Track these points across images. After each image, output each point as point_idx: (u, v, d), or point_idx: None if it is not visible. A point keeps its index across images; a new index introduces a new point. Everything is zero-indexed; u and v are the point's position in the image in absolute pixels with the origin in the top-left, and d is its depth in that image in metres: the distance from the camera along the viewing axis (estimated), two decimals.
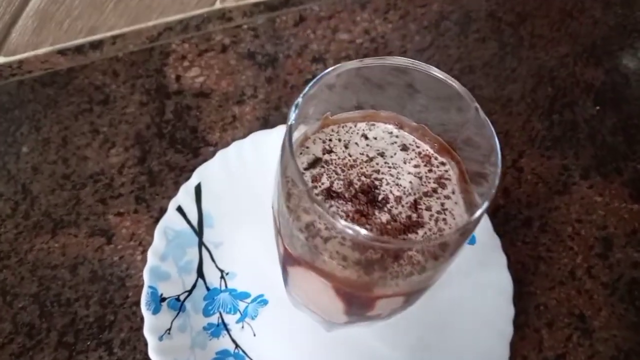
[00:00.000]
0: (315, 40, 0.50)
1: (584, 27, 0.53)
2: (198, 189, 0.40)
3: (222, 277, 0.38)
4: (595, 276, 0.41)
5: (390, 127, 0.29)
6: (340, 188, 0.26)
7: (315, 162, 0.27)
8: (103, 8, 0.46)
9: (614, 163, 0.46)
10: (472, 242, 0.40)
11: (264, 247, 0.39)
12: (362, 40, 0.50)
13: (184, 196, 0.40)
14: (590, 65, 0.51)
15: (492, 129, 0.24)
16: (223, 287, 0.38)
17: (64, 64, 0.47)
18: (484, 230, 0.40)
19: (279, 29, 0.50)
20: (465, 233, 0.23)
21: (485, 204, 0.22)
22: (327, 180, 0.27)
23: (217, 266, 0.39)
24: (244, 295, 0.38)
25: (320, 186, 0.27)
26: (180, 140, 0.44)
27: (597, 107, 0.48)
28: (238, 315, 0.37)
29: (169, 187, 0.42)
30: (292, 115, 0.24)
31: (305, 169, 0.27)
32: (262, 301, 0.38)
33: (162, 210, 0.40)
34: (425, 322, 0.36)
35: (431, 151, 0.28)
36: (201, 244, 0.39)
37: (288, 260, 0.27)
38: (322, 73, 0.25)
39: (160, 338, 0.35)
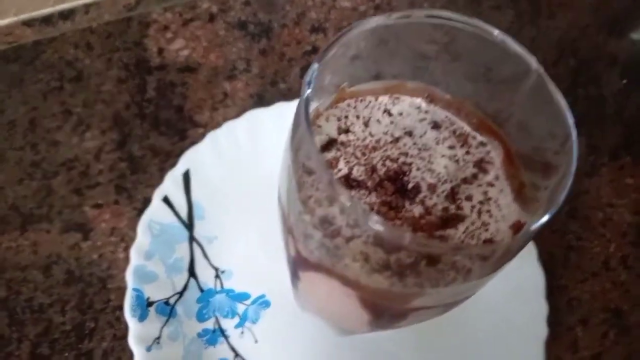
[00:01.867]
0: (314, 7, 0.45)
1: None
2: (186, 177, 0.35)
3: (217, 276, 0.34)
4: (631, 266, 0.37)
5: (419, 101, 0.24)
6: (361, 175, 0.22)
7: (329, 144, 0.23)
8: None
9: None
10: None
11: (264, 240, 0.34)
12: (365, 7, 0.45)
13: (171, 185, 0.35)
14: (614, 36, 0.46)
15: (563, 100, 0.19)
16: (219, 288, 0.34)
17: (30, 36, 0.42)
18: None
19: None
20: (527, 238, 0.18)
21: (553, 209, 0.18)
22: (345, 166, 0.22)
23: (211, 264, 0.34)
24: (243, 297, 0.34)
25: (336, 174, 0.22)
26: (165, 122, 0.39)
27: (624, 81, 0.44)
28: (237, 320, 0.33)
29: (154, 174, 0.37)
30: (308, 88, 0.19)
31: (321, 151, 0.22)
32: (263, 303, 0.33)
33: (146, 201, 0.35)
34: (450, 325, 0.32)
35: (468, 129, 0.23)
36: (192, 239, 0.34)
37: (300, 265, 0.22)
38: (344, 30, 0.20)
39: (148, 348, 0.30)
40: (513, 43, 0.21)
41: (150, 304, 0.32)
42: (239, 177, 0.36)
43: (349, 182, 0.22)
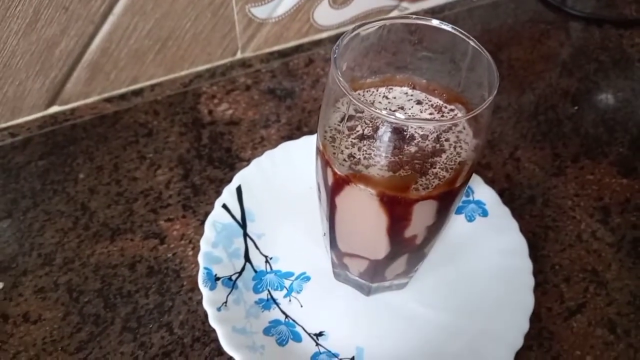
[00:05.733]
0: (324, 75, 0.58)
1: (552, 49, 0.61)
2: (239, 190, 0.45)
3: (266, 261, 0.43)
4: (600, 238, 0.46)
5: (406, 89, 0.35)
6: (370, 132, 0.32)
7: (349, 118, 0.33)
8: (144, 60, 0.55)
9: (599, 148, 0.52)
10: (485, 214, 0.45)
11: (303, 234, 0.44)
12: None
13: (228, 196, 0.45)
14: (564, 76, 0.59)
15: (487, 54, 0.30)
16: (269, 270, 0.42)
17: (110, 109, 0.54)
18: (494, 203, 0.45)
19: (292, 69, 0.59)
20: (479, 126, 0.28)
21: (491, 98, 0.29)
22: (361, 128, 0.33)
23: (261, 253, 0.43)
24: (289, 275, 0.42)
25: (355, 134, 0.32)
26: (217, 159, 0.50)
27: (576, 107, 0.56)
28: (285, 291, 0.41)
29: (212, 195, 0.48)
30: (336, 51, 0.30)
31: (340, 122, 0.33)
32: (305, 277, 0.42)
33: (207, 214, 0.45)
34: (456, 284, 0.41)
35: (441, 102, 0.34)
36: (245, 235, 0.44)
37: (337, 189, 0.32)
38: (353, 26, 0.32)
39: (219, 309, 0.38)
40: (456, 31, 0.32)
41: (217, 278, 0.40)
42: (277, 190, 0.46)
43: (363, 137, 0.32)
